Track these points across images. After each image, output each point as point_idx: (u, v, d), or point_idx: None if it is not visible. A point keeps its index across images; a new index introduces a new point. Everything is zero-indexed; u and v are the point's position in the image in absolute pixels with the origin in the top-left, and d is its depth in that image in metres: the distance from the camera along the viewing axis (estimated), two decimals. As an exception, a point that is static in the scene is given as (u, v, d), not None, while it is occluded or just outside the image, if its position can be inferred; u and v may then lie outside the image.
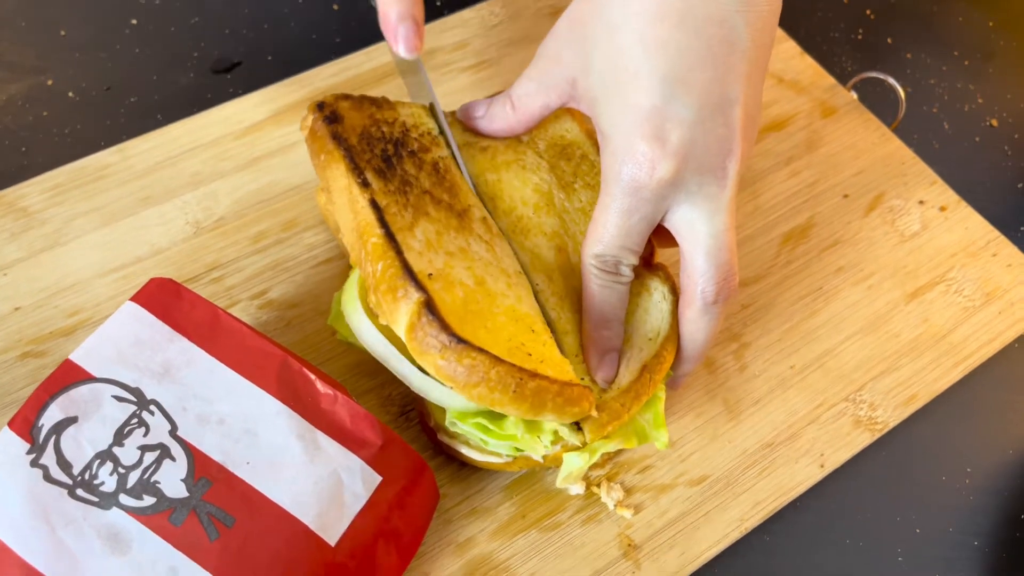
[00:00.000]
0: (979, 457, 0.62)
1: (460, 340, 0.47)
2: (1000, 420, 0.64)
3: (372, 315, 0.53)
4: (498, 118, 0.58)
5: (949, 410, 0.63)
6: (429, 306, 0.47)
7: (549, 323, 0.54)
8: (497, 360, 0.47)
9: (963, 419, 0.63)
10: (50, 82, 0.75)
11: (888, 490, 0.61)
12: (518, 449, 0.53)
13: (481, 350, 0.47)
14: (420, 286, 0.48)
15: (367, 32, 0.78)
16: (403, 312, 0.48)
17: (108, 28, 0.78)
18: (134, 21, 0.79)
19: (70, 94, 0.74)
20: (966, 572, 0.59)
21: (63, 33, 0.78)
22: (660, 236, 0.54)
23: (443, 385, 0.49)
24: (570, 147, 0.60)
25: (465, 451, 0.55)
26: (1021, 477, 0.62)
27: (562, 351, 0.53)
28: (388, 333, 0.52)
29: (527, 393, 0.47)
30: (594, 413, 0.50)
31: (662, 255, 0.59)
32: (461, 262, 0.52)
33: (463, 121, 0.60)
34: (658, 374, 0.53)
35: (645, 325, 0.55)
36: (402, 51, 0.55)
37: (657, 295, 0.56)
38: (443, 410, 0.54)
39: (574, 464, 0.52)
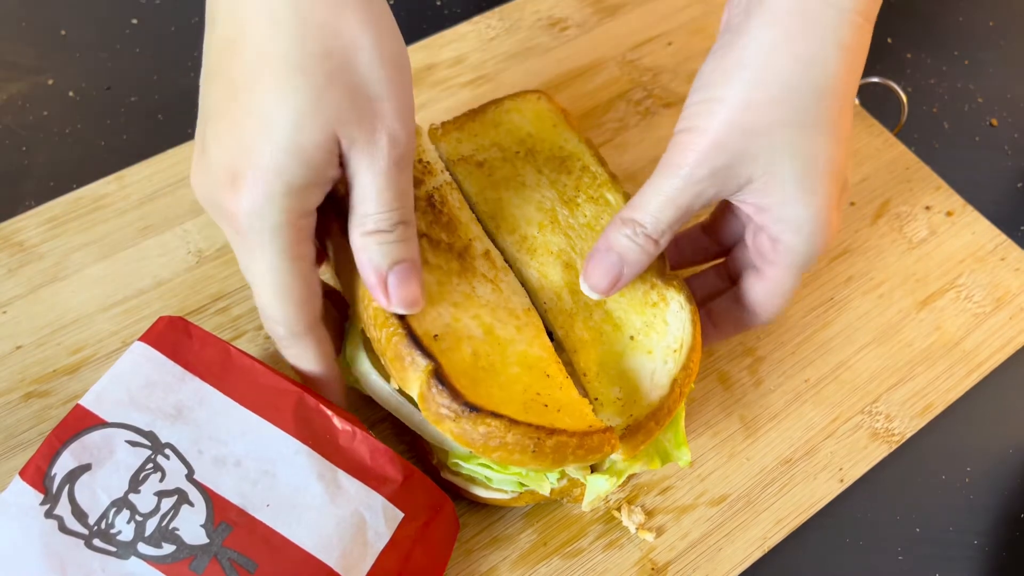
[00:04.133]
0: (979, 457, 0.62)
1: (472, 408, 0.46)
2: (1000, 420, 0.64)
3: (379, 367, 0.52)
4: (637, 265, 0.52)
5: (949, 410, 0.63)
6: (437, 374, 0.46)
7: (558, 341, 0.53)
8: (513, 423, 0.45)
9: (963, 419, 0.63)
10: (50, 82, 0.74)
11: (888, 490, 0.60)
12: (523, 485, 0.52)
13: (495, 415, 0.45)
14: (426, 352, 0.47)
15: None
16: (413, 380, 0.47)
17: (108, 28, 0.77)
18: (134, 21, 0.78)
19: (70, 94, 0.74)
20: (966, 572, 0.59)
21: (63, 33, 0.77)
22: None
23: None
24: (569, 159, 0.59)
25: (471, 488, 0.54)
26: (1021, 477, 0.62)
27: (572, 370, 0.52)
28: None
29: (547, 451, 0.46)
30: (616, 455, 0.49)
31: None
32: (467, 312, 0.51)
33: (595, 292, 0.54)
34: (686, 387, 0.52)
35: (667, 337, 0.53)
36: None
37: (675, 305, 0.54)
38: (446, 449, 0.53)
39: (600, 487, 0.51)
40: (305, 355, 0.51)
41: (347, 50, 0.44)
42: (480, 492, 0.54)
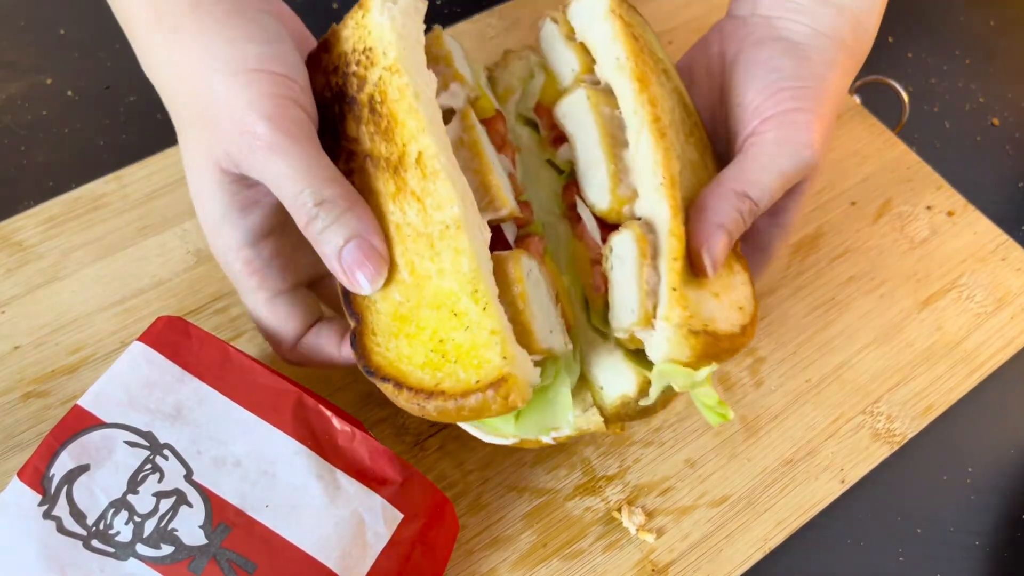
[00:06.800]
0: (979, 457, 0.62)
1: (369, 371, 0.48)
2: (1001, 420, 0.64)
3: None
4: (735, 240, 0.52)
5: (950, 411, 0.63)
6: (352, 336, 0.49)
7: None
8: (399, 387, 0.47)
9: (964, 419, 0.63)
10: (49, 81, 0.74)
11: (889, 490, 0.60)
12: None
13: (386, 378, 0.47)
14: (353, 312, 0.49)
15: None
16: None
17: (108, 28, 0.76)
18: (134, 20, 0.78)
19: (69, 93, 0.74)
20: (966, 572, 0.58)
21: (63, 32, 0.77)
22: None
23: None
24: (689, 109, 0.57)
25: None
26: (1021, 477, 0.62)
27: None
28: None
29: (431, 411, 0.47)
30: (520, 405, 0.46)
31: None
32: (395, 248, 0.49)
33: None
34: (741, 344, 0.50)
35: (733, 294, 0.52)
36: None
37: (739, 278, 0.53)
38: None
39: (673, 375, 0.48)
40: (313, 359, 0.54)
41: (198, 89, 0.48)
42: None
